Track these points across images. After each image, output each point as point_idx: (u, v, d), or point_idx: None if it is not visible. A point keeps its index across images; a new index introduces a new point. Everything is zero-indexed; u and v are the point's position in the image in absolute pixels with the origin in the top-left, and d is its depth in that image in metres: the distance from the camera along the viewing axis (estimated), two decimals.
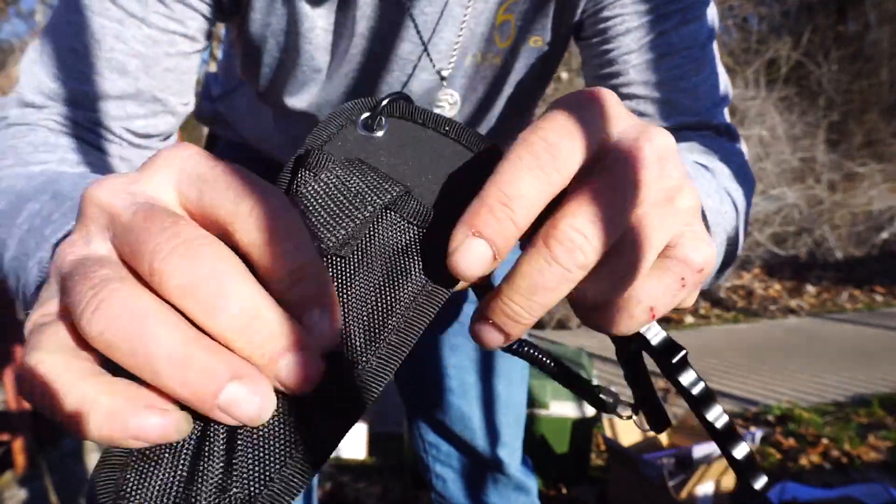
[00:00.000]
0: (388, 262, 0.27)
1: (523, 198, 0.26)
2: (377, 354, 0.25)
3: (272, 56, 0.66)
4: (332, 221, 0.26)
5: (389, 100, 0.30)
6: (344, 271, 0.27)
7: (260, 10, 0.62)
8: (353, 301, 0.26)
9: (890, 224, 5.87)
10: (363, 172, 0.28)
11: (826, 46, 7.12)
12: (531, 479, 1.06)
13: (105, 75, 0.56)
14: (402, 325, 0.26)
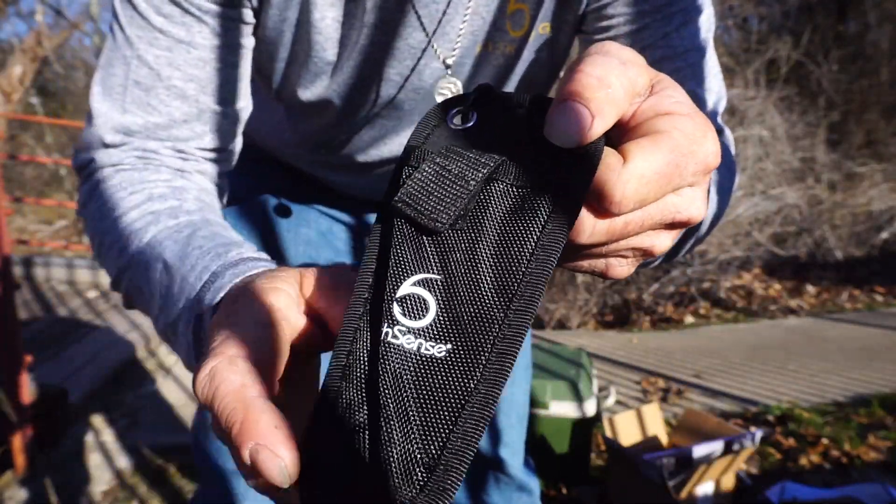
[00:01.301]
0: (503, 226, 0.29)
1: (612, 84, 0.28)
2: (512, 308, 0.27)
3: (286, 49, 0.66)
4: (440, 202, 0.29)
5: (476, 94, 0.32)
6: (465, 243, 0.29)
7: (277, 6, 0.62)
8: (481, 267, 0.28)
9: (890, 224, 5.87)
10: (460, 156, 0.30)
11: (826, 46, 7.12)
12: (533, 480, 1.06)
13: (168, 103, 0.60)
14: (528, 279, 0.28)
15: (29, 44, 6.65)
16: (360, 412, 0.27)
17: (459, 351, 0.27)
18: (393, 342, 0.28)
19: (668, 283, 5.01)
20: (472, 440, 0.25)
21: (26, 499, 2.11)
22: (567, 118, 0.28)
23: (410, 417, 0.26)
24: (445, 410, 0.26)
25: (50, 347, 3.25)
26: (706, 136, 0.31)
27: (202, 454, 0.89)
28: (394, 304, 0.28)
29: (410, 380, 0.27)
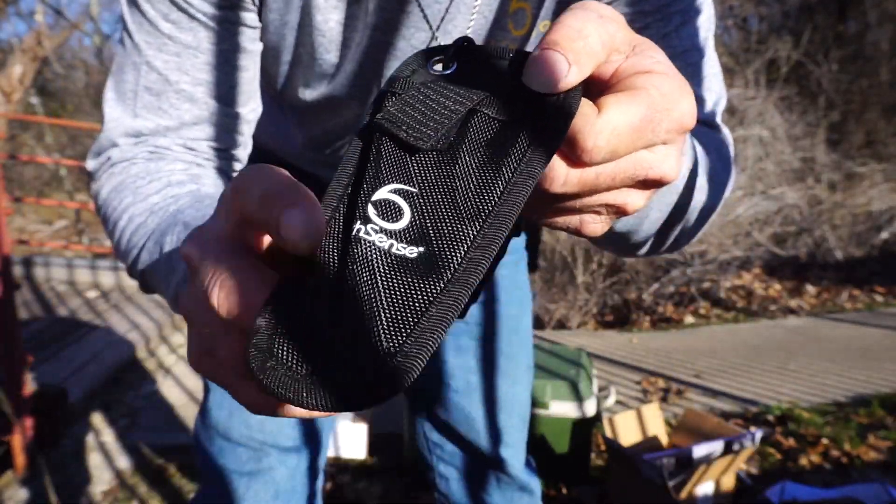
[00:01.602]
0: (482, 153, 0.30)
1: (590, 35, 0.29)
2: (485, 227, 0.29)
3: (289, 52, 0.66)
4: (424, 124, 0.30)
5: (456, 46, 0.34)
6: (444, 164, 0.30)
7: (277, 10, 0.63)
8: (457, 187, 0.29)
9: (890, 224, 5.87)
10: (445, 88, 0.31)
11: (826, 46, 7.12)
12: (535, 480, 1.06)
13: (178, 106, 0.62)
14: (503, 204, 0.29)
15: (29, 44, 6.65)
16: (324, 298, 0.27)
17: (431, 256, 0.28)
18: (365, 238, 0.28)
19: (668, 283, 5.01)
20: (432, 336, 0.26)
21: (26, 499, 2.11)
22: (544, 64, 0.29)
23: (376, 309, 0.26)
24: (411, 306, 0.26)
25: (50, 347, 3.25)
26: (683, 96, 0.32)
27: (203, 455, 0.90)
28: (368, 205, 0.29)
29: (381, 272, 0.27)
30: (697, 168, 0.52)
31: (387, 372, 0.25)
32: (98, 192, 0.63)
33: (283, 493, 0.88)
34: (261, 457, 0.87)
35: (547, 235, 4.73)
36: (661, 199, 0.46)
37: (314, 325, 0.26)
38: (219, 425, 0.87)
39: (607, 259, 4.90)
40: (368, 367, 0.25)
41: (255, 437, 0.86)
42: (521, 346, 1.04)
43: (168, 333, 3.72)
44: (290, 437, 0.88)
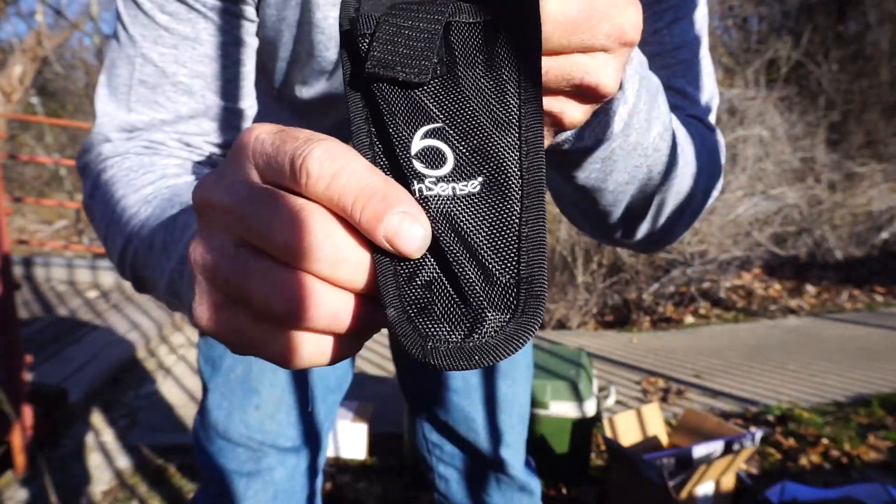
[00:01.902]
0: (480, 59, 0.30)
1: None
2: (523, 127, 0.29)
3: (287, 49, 0.66)
4: (415, 57, 0.29)
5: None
6: (452, 85, 0.29)
7: (275, 6, 0.62)
8: (476, 102, 0.29)
9: (890, 224, 5.87)
10: (409, 10, 0.30)
11: (826, 46, 7.12)
12: (535, 480, 1.06)
13: (175, 99, 0.60)
14: (525, 98, 0.29)
15: (29, 44, 6.65)
16: (426, 264, 0.27)
17: (492, 178, 0.28)
18: (430, 194, 0.28)
19: (668, 283, 5.01)
20: (541, 247, 0.27)
21: (26, 499, 2.11)
22: None
23: (478, 252, 0.27)
24: (507, 231, 0.27)
25: (50, 347, 3.25)
26: (628, 6, 0.31)
27: (202, 455, 0.90)
28: (412, 161, 0.28)
29: (464, 219, 0.28)
30: (675, 143, 0.51)
31: (523, 303, 0.26)
32: (89, 188, 0.61)
33: (282, 494, 0.88)
34: (260, 457, 0.87)
35: (547, 235, 4.73)
36: (626, 158, 0.45)
37: (438, 296, 0.27)
38: (218, 425, 0.87)
39: (607, 259, 4.90)
40: (505, 305, 0.26)
41: (254, 438, 0.86)
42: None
43: (168, 333, 3.72)
44: (289, 438, 0.88)
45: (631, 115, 0.42)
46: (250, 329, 0.29)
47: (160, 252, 0.47)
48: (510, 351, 0.26)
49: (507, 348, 0.26)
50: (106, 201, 0.57)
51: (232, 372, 0.87)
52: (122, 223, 0.54)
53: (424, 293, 0.27)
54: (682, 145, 0.53)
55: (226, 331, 0.30)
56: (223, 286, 0.29)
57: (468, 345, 0.25)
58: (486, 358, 0.26)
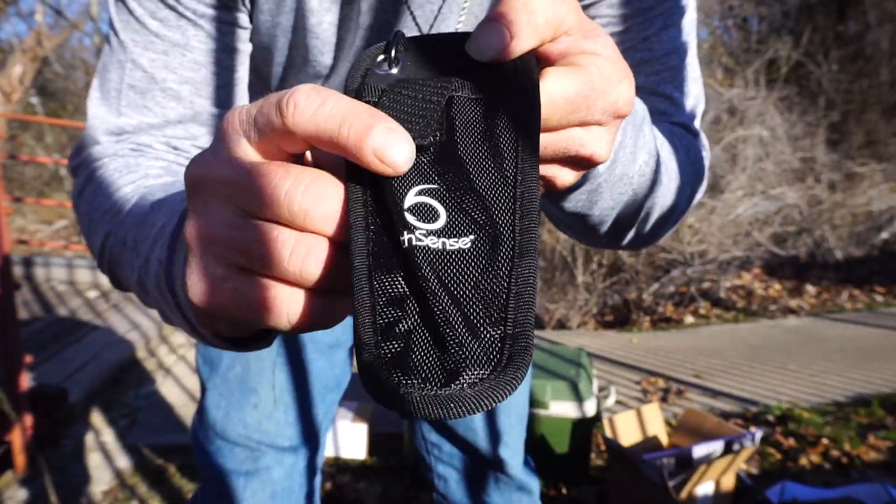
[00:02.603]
0: (481, 131, 0.31)
1: (536, 11, 0.30)
2: (518, 189, 0.30)
3: (282, 54, 0.66)
4: (418, 122, 0.30)
5: (396, 40, 0.34)
6: (450, 152, 0.31)
7: (269, 11, 0.62)
8: (475, 168, 0.30)
9: (890, 224, 5.87)
10: (414, 83, 0.32)
11: (826, 46, 7.12)
12: (533, 480, 1.06)
13: (164, 104, 0.61)
14: (523, 164, 0.30)
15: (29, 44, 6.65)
16: (409, 313, 0.27)
17: (482, 238, 0.29)
18: (418, 244, 0.28)
19: (668, 283, 5.01)
20: (530, 305, 0.27)
21: (26, 499, 2.11)
22: (486, 34, 0.30)
23: (464, 305, 0.27)
24: (495, 288, 0.27)
25: (50, 347, 3.25)
26: (622, 82, 0.33)
27: (201, 454, 0.90)
28: (404, 213, 0.29)
29: (452, 273, 0.28)
30: (660, 164, 0.52)
31: (506, 359, 0.26)
32: (77, 188, 0.62)
33: (280, 493, 0.88)
34: (258, 456, 0.87)
35: (547, 235, 4.73)
36: (612, 188, 0.47)
37: (416, 345, 0.27)
38: (216, 425, 0.87)
39: (607, 259, 4.90)
40: (487, 360, 0.26)
41: (252, 437, 0.86)
42: None
43: (168, 333, 3.72)
44: (287, 437, 0.88)
45: (616, 150, 0.44)
46: (260, 295, 0.30)
47: (131, 250, 0.48)
48: (486, 405, 0.25)
49: (484, 401, 0.25)
50: (89, 201, 0.58)
51: (230, 372, 0.87)
52: (101, 222, 0.55)
53: (402, 342, 0.27)
54: (667, 163, 0.55)
55: (229, 301, 0.31)
56: (235, 257, 0.30)
57: (444, 394, 0.25)
58: (462, 408, 0.25)
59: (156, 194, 0.52)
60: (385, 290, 0.28)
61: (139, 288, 0.48)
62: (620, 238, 0.59)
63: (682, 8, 0.63)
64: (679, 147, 0.59)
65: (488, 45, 0.30)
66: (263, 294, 0.30)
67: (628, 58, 0.63)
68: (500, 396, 0.25)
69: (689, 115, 0.66)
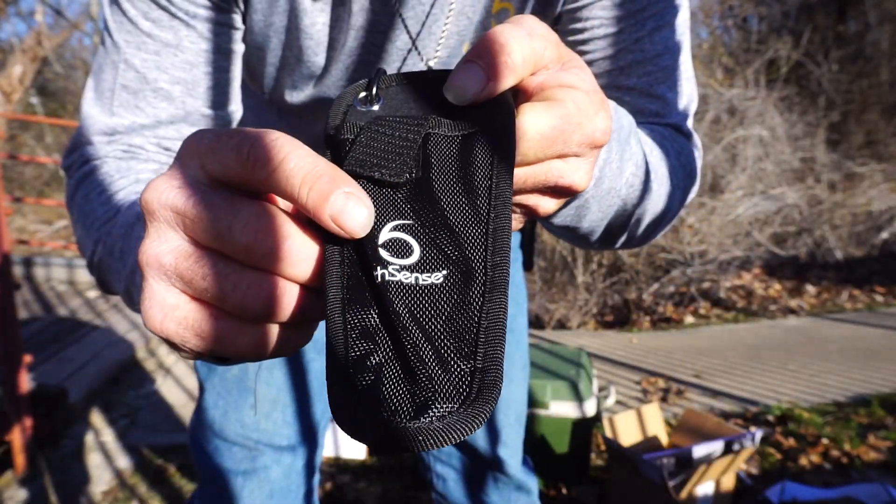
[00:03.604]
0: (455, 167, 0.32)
1: (513, 52, 0.31)
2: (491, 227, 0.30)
3: (275, 55, 0.66)
4: (394, 160, 0.31)
5: (376, 78, 0.35)
6: (425, 188, 0.31)
7: (262, 11, 0.62)
8: (448, 205, 0.31)
9: (890, 224, 5.87)
10: (393, 121, 0.33)
11: (826, 46, 7.12)
12: (532, 479, 1.06)
13: (156, 105, 0.61)
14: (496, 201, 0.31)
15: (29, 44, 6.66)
16: (381, 346, 0.28)
17: (455, 273, 0.29)
18: (391, 280, 0.29)
19: (668, 283, 5.01)
20: (500, 338, 0.27)
21: (26, 499, 2.11)
22: (463, 77, 0.31)
23: (435, 340, 0.27)
24: (465, 322, 0.28)
25: (50, 347, 3.25)
26: (598, 114, 0.33)
27: (199, 454, 0.90)
28: (378, 248, 0.29)
29: (424, 307, 0.28)
30: (649, 172, 0.53)
31: (475, 392, 0.26)
32: (70, 190, 0.63)
33: (278, 492, 0.88)
34: (256, 456, 0.87)
35: (547, 235, 4.73)
36: (600, 202, 0.48)
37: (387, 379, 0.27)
38: (214, 424, 0.87)
39: (607, 259, 4.90)
40: (456, 393, 0.26)
41: (250, 437, 0.86)
42: (517, 346, 1.04)
43: None
44: (285, 437, 0.88)
45: (602, 168, 0.44)
46: (211, 326, 0.30)
47: (117, 259, 0.49)
48: (453, 438, 0.25)
49: (451, 434, 0.25)
50: (80, 206, 0.59)
51: (228, 371, 0.87)
52: (91, 228, 0.56)
53: (373, 374, 0.27)
54: (657, 169, 0.55)
55: (181, 331, 0.30)
56: (185, 287, 0.30)
57: (412, 427, 0.25)
58: (428, 442, 0.25)
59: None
60: (358, 323, 0.28)
61: (127, 297, 0.48)
62: (613, 242, 0.60)
63: (675, 8, 0.63)
64: (670, 151, 0.59)
65: (465, 87, 0.31)
66: (212, 325, 0.30)
67: (621, 59, 0.64)
68: (468, 430, 0.26)
69: (682, 115, 0.67)
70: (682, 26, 0.65)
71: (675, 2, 0.63)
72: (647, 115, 0.65)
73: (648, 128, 0.61)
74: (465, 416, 0.25)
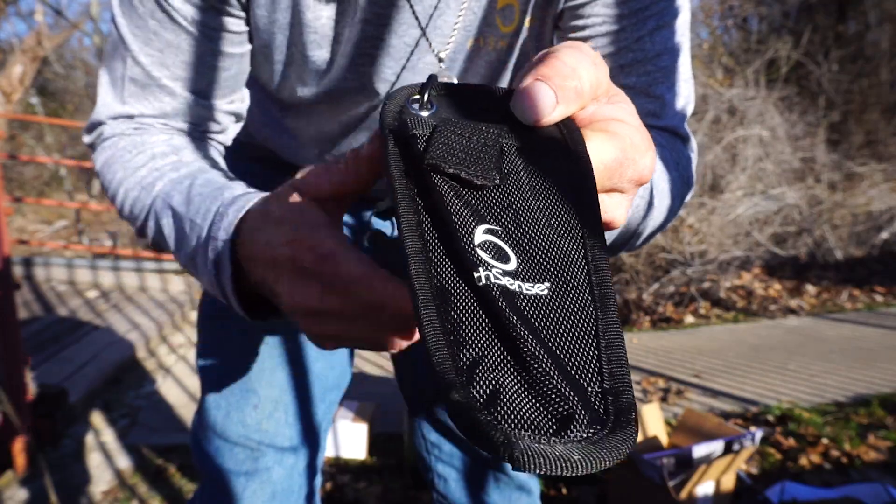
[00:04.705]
0: (531, 180, 0.31)
1: (583, 77, 0.31)
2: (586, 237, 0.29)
3: (281, 52, 0.67)
4: (480, 160, 0.30)
5: (431, 81, 0.34)
6: (507, 194, 0.30)
7: (265, 8, 0.63)
8: (532, 218, 0.29)
9: (890, 224, 5.87)
10: (463, 126, 0.31)
11: (826, 46, 7.12)
12: (533, 479, 1.06)
13: (160, 99, 0.65)
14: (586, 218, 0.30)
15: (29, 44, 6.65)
16: (495, 355, 0.25)
17: (558, 287, 0.27)
18: (497, 283, 0.26)
19: (668, 283, 5.01)
20: (624, 360, 0.25)
21: (26, 499, 2.11)
22: (534, 96, 0.30)
23: (558, 353, 0.25)
24: (584, 339, 0.26)
25: (50, 347, 3.25)
26: (648, 151, 0.34)
27: (200, 454, 0.90)
28: (476, 249, 0.27)
29: (537, 317, 0.26)
30: (652, 190, 0.54)
31: (615, 417, 0.23)
32: (96, 164, 0.68)
33: (280, 493, 0.88)
34: (258, 456, 0.87)
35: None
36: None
37: (511, 389, 0.24)
38: (216, 425, 0.87)
39: None
40: (594, 415, 0.23)
41: (252, 437, 0.86)
42: None
43: (168, 333, 3.73)
44: (287, 437, 0.88)
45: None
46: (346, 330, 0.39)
47: (177, 242, 0.56)
48: (597, 465, 0.23)
49: (595, 462, 0.22)
50: (110, 180, 0.65)
51: (230, 372, 0.87)
52: (130, 206, 0.62)
53: (491, 384, 0.24)
54: (659, 185, 0.56)
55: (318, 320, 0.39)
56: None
57: (555, 451, 0.22)
58: (571, 468, 0.22)
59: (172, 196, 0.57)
60: (461, 328, 0.25)
61: (184, 265, 0.56)
62: (614, 254, 0.61)
63: (676, 9, 0.64)
64: (669, 162, 0.60)
65: (537, 107, 0.30)
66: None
67: (621, 57, 0.64)
68: (613, 458, 0.23)
69: (680, 116, 0.67)
70: (683, 27, 0.65)
71: (676, 2, 0.63)
72: (644, 114, 0.66)
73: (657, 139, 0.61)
74: (609, 442, 0.23)
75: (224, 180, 0.57)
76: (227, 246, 0.47)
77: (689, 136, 0.69)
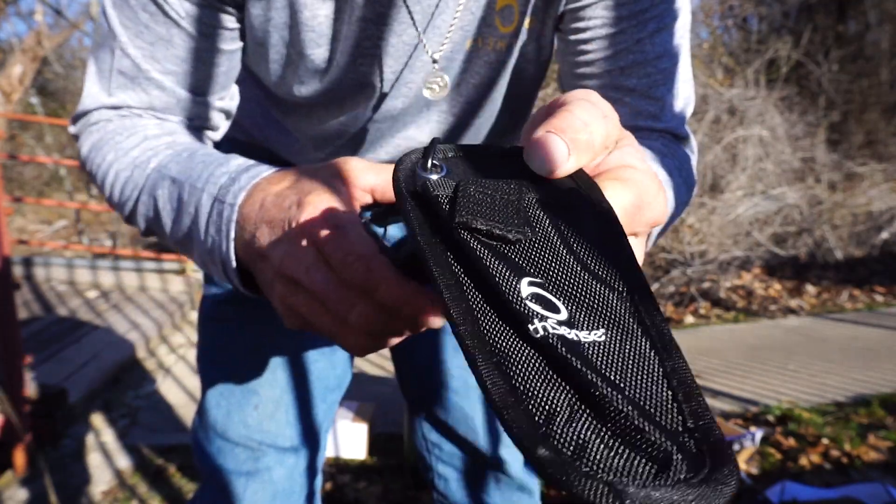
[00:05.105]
0: (559, 233, 0.31)
1: (594, 131, 0.32)
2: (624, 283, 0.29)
3: (278, 51, 0.67)
4: (502, 219, 0.30)
5: (433, 147, 0.34)
6: (537, 252, 0.30)
7: (260, 6, 0.63)
8: (566, 264, 0.29)
9: (890, 224, 5.87)
10: (484, 184, 0.31)
11: (826, 46, 7.12)
12: (534, 480, 1.06)
13: (149, 91, 0.64)
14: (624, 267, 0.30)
15: (29, 44, 6.65)
16: (570, 403, 0.24)
17: (614, 333, 0.27)
18: (555, 333, 0.26)
19: (668, 283, 5.01)
20: (701, 400, 0.25)
21: (26, 499, 2.11)
22: (547, 147, 0.31)
23: (635, 397, 0.24)
24: (653, 382, 0.25)
25: (50, 347, 3.25)
26: (658, 194, 0.35)
27: (201, 454, 0.90)
28: (526, 302, 0.27)
29: (604, 363, 0.25)
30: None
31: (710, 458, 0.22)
32: (81, 151, 0.66)
33: (280, 493, 0.88)
34: (259, 457, 0.87)
35: None
36: None
37: (597, 437, 0.23)
38: (217, 425, 0.87)
39: None
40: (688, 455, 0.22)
41: (252, 437, 0.86)
42: None
43: (168, 333, 3.73)
44: (288, 438, 0.88)
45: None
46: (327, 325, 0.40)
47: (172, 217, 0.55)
48: (723, 497, 0.22)
49: (717, 496, 0.21)
50: (98, 164, 0.63)
51: (230, 372, 0.87)
52: (121, 188, 0.61)
53: (574, 434, 0.23)
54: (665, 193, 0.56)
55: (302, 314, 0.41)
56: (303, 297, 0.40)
57: (666, 494, 0.21)
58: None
59: (169, 165, 0.56)
60: (528, 383, 0.24)
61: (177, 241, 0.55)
62: None
63: (676, 11, 0.64)
64: (672, 169, 0.60)
65: (553, 159, 0.31)
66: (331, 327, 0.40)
67: (622, 59, 0.64)
68: (725, 495, 0.22)
69: (680, 118, 0.67)
70: (683, 29, 0.65)
71: (676, 4, 0.64)
72: (645, 116, 0.66)
73: (647, 144, 0.61)
74: (718, 477, 0.22)
75: (226, 155, 0.56)
76: (233, 210, 0.47)
77: (688, 136, 0.69)
